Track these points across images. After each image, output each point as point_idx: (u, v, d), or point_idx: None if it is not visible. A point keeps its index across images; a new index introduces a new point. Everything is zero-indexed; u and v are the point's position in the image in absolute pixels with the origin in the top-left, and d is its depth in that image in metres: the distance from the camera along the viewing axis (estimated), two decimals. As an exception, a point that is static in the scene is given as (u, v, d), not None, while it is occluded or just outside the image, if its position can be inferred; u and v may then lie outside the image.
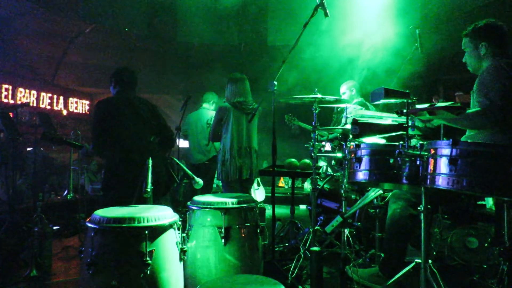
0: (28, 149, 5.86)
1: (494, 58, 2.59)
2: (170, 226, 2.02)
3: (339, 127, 3.14)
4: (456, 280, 3.31)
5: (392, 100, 2.12)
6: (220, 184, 4.34)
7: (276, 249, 3.88)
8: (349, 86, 4.85)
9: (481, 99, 2.41)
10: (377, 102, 2.07)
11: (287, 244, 4.06)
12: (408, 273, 2.32)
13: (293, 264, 3.12)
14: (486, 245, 3.66)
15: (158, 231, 1.93)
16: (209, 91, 5.65)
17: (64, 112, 7.25)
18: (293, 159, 4.29)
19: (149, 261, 1.83)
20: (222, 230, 2.47)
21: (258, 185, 6.02)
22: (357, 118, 2.17)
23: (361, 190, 3.53)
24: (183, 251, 2.10)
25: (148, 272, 1.82)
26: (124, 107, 3.22)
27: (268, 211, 4.39)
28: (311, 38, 3.30)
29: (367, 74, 5.24)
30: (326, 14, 3.10)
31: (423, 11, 5.22)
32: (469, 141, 2.02)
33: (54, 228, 4.49)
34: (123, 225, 1.84)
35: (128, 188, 2.91)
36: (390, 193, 3.28)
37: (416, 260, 2.27)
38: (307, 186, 6.77)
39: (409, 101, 2.02)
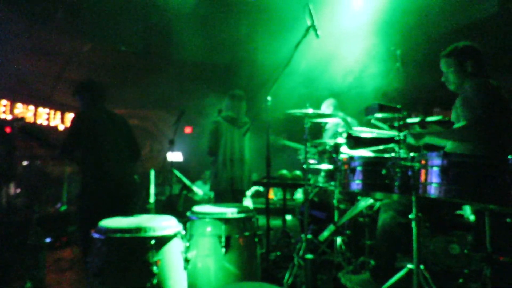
0: (24, 163, 5.71)
1: (476, 76, 2.66)
2: (175, 235, 1.98)
3: (330, 140, 3.16)
4: (441, 285, 3.32)
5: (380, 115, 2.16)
6: (213, 195, 4.30)
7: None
8: (327, 104, 4.93)
9: (466, 114, 2.47)
10: (371, 117, 2.10)
11: (279, 253, 4.02)
12: (401, 278, 2.32)
13: (288, 272, 3.09)
14: (466, 251, 3.70)
15: (164, 240, 1.89)
16: (203, 107, 5.66)
17: (61, 127, 7.12)
18: (284, 171, 4.29)
19: (156, 271, 1.78)
20: (223, 239, 2.43)
21: (245, 196, 6.00)
22: (350, 133, 2.19)
23: (351, 200, 3.54)
24: (187, 260, 2.05)
25: (155, 281, 1.77)
26: (101, 119, 3.14)
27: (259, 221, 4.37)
28: (302, 56, 3.34)
29: (351, 91, 5.32)
30: (317, 36, 3.14)
31: (402, 32, 5.35)
32: (457, 152, 2.06)
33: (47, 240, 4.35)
34: (129, 235, 1.79)
35: (107, 196, 2.85)
36: (378, 203, 3.31)
37: (409, 266, 2.27)
38: (299, 196, 6.75)
39: (400, 115, 2.05)
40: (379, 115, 2.07)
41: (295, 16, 5.60)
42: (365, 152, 2.98)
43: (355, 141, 2.16)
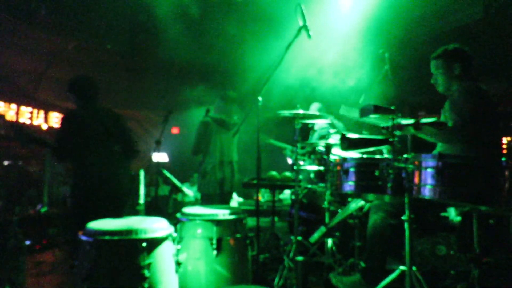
0: (5, 162, 5.51)
1: (463, 79, 2.70)
2: (166, 238, 1.92)
3: (321, 141, 3.14)
4: (429, 286, 3.34)
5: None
6: (199, 197, 4.23)
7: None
8: (314, 108, 4.92)
9: (454, 117, 2.50)
10: (365, 118, 2.08)
11: (267, 255, 3.98)
12: (393, 280, 2.31)
13: (278, 274, 3.05)
14: (452, 252, 3.75)
15: (155, 243, 1.82)
16: (189, 107, 5.59)
17: (44, 127, 6.91)
18: (274, 172, 4.26)
19: (147, 274, 1.71)
20: (214, 241, 2.37)
21: (232, 198, 5.96)
22: (344, 134, 2.18)
23: (342, 201, 3.53)
24: (178, 264, 1.98)
25: (146, 285, 1.70)
26: (88, 118, 3.06)
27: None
28: (292, 56, 3.33)
29: (337, 93, 5.33)
30: (309, 36, 3.13)
31: (389, 36, 5.40)
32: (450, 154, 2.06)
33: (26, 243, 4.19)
34: (120, 237, 1.72)
35: (96, 196, 2.78)
36: (368, 205, 3.30)
37: (401, 267, 2.26)
38: (287, 194, 6.72)
39: (394, 117, 2.05)
40: (373, 116, 2.05)
41: (284, 16, 5.61)
42: (355, 154, 2.97)
43: (349, 143, 2.14)
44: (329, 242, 3.11)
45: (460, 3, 5.10)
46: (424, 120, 2.01)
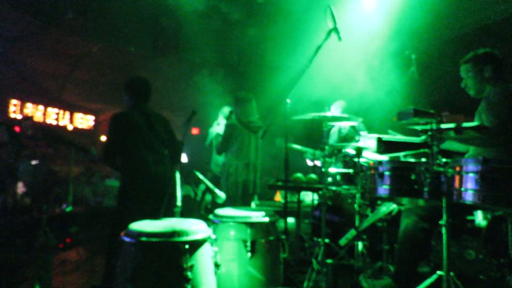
0: (33, 162, 5.64)
1: (497, 81, 2.67)
2: (206, 240, 1.93)
3: (352, 143, 3.11)
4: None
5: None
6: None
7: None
8: (337, 106, 4.88)
9: (491, 119, 2.46)
10: (404, 121, 2.06)
11: (292, 257, 3.96)
12: (430, 285, 2.28)
13: (307, 277, 3.04)
14: (480, 256, 3.66)
15: (196, 245, 1.84)
16: (211, 108, 5.63)
17: (70, 127, 7.06)
18: (299, 174, 4.24)
19: (190, 276, 1.73)
20: (248, 243, 2.38)
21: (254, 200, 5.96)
22: (381, 137, 2.16)
23: (371, 205, 3.50)
24: (217, 265, 2.00)
25: (189, 287, 1.72)
26: (139, 120, 3.10)
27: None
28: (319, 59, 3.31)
29: (364, 94, 5.28)
30: (339, 38, 3.11)
31: (413, 35, 5.31)
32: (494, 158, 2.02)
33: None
34: (164, 239, 1.74)
35: (146, 200, 2.81)
36: (396, 207, 3.26)
37: (438, 272, 2.23)
38: (308, 199, 6.68)
39: (434, 121, 2.02)
40: (413, 120, 2.03)
41: (306, 18, 5.59)
42: (383, 157, 2.94)
43: (385, 146, 2.12)
44: (360, 245, 3.08)
45: (487, 1, 4.99)
46: (466, 124, 1.98)
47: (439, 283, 2.24)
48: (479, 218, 4.71)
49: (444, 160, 2.07)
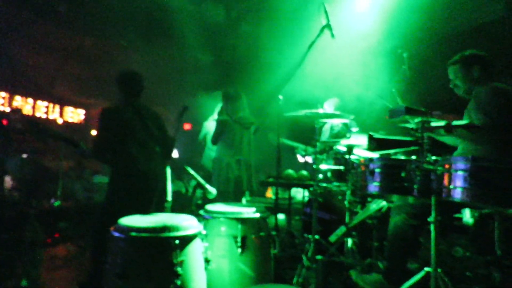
0: (23, 155, 5.56)
1: (486, 81, 2.70)
2: (196, 235, 1.92)
3: (343, 140, 3.12)
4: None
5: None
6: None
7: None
8: (330, 103, 4.89)
9: (481, 117, 2.50)
10: (396, 119, 2.07)
11: (282, 253, 3.97)
12: (418, 281, 2.30)
13: (297, 273, 3.05)
14: (468, 254, 3.71)
15: (187, 240, 1.83)
16: (203, 104, 5.61)
17: (60, 121, 6.96)
18: (291, 171, 4.25)
19: (180, 272, 1.72)
20: (239, 239, 2.37)
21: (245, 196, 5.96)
22: (372, 134, 2.17)
23: (362, 202, 3.52)
24: (207, 261, 1.99)
25: (179, 282, 1.71)
26: (130, 115, 3.05)
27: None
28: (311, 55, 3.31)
29: (356, 92, 5.29)
30: (332, 36, 3.12)
31: (406, 34, 5.33)
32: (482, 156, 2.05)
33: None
34: (155, 234, 1.73)
35: (136, 196, 2.78)
36: (386, 205, 3.29)
37: (426, 269, 2.25)
38: (299, 196, 6.71)
39: (426, 119, 2.03)
40: (404, 117, 2.04)
41: (299, 15, 5.57)
42: (374, 154, 2.96)
43: (377, 143, 2.13)
44: (349, 242, 3.10)
45: (480, 1, 5.02)
46: (456, 122, 1.99)
47: (427, 279, 2.26)
48: (467, 216, 4.78)
49: (434, 158, 2.09)
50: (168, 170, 2.37)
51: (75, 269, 3.80)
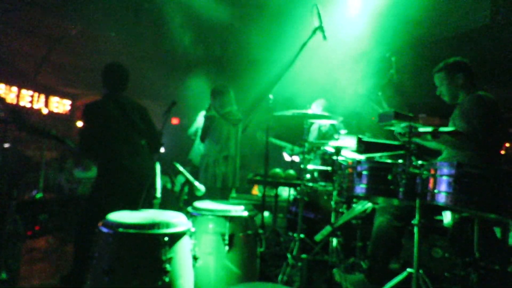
0: (5, 145, 5.42)
1: (469, 89, 2.80)
2: (185, 232, 1.92)
3: (331, 141, 3.16)
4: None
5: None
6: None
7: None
8: (318, 104, 4.93)
9: (464, 125, 2.59)
10: (385, 123, 2.11)
11: (267, 251, 4.00)
12: (400, 281, 2.36)
13: (282, 271, 3.08)
14: (447, 255, 3.82)
15: (176, 237, 1.83)
16: (191, 99, 5.58)
17: (45, 111, 6.80)
18: (278, 169, 4.28)
19: (169, 268, 1.72)
20: (226, 237, 2.38)
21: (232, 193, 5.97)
22: (361, 137, 2.21)
23: (347, 202, 3.57)
24: (195, 258, 2.00)
25: (167, 279, 1.71)
26: (113, 110, 2.99)
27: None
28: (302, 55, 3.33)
29: (341, 94, 5.35)
30: (324, 37, 3.14)
31: (394, 39, 5.41)
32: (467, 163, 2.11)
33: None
34: (143, 231, 1.72)
35: (122, 191, 2.76)
36: (371, 206, 3.35)
37: (408, 270, 2.31)
38: (285, 194, 6.76)
39: (414, 124, 2.08)
40: (392, 122, 2.08)
41: (292, 14, 5.58)
42: (361, 156, 3.01)
43: (365, 146, 2.17)
44: (334, 241, 3.15)
45: (467, 8, 5.13)
46: (442, 129, 2.05)
47: (408, 280, 2.33)
48: (447, 218, 4.90)
49: (420, 162, 2.14)
50: (158, 166, 2.35)
51: (55, 263, 3.75)
